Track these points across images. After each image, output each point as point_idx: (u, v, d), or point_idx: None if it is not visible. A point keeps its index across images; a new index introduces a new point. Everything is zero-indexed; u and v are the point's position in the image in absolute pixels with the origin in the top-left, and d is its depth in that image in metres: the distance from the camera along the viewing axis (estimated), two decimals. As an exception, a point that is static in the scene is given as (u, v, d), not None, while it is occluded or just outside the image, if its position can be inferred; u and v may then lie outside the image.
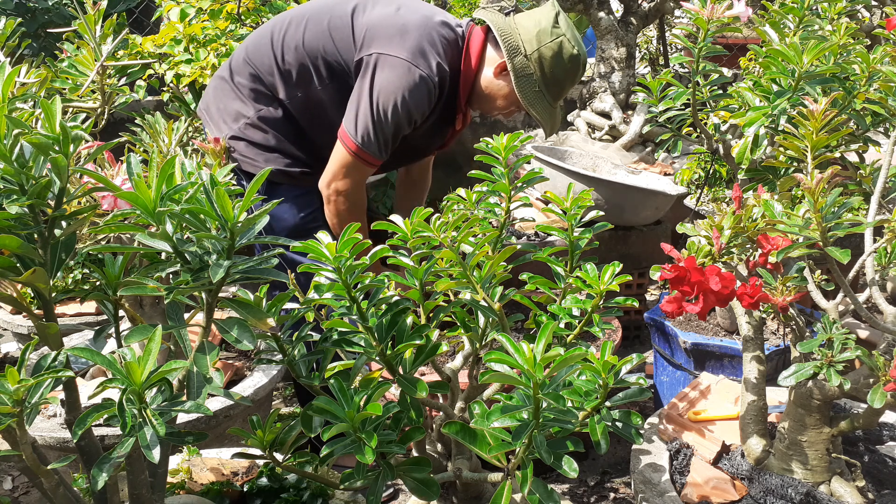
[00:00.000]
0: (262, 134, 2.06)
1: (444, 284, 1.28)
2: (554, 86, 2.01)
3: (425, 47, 1.94)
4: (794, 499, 1.47)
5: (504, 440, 1.15)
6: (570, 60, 1.99)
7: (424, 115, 1.99)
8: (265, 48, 2.05)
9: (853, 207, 1.22)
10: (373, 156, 1.96)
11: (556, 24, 1.98)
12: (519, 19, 2.02)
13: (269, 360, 1.25)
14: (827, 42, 1.48)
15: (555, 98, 2.04)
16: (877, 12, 3.87)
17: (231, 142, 2.07)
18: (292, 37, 2.02)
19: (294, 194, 2.07)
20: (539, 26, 1.97)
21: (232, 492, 1.52)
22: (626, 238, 3.02)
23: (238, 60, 2.10)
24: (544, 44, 1.96)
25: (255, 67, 2.05)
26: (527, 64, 1.98)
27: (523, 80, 1.98)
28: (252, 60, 2.06)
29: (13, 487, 2.31)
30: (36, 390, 0.99)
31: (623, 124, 4.05)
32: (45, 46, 4.14)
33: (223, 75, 2.13)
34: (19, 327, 2.65)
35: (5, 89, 1.03)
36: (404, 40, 1.93)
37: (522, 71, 1.98)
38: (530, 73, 1.98)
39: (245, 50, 2.10)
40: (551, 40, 1.96)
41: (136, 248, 1.02)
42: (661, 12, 4.32)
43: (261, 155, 2.06)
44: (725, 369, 2.24)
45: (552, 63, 1.98)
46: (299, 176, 2.09)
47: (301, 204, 2.09)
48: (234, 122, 2.07)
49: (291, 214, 2.08)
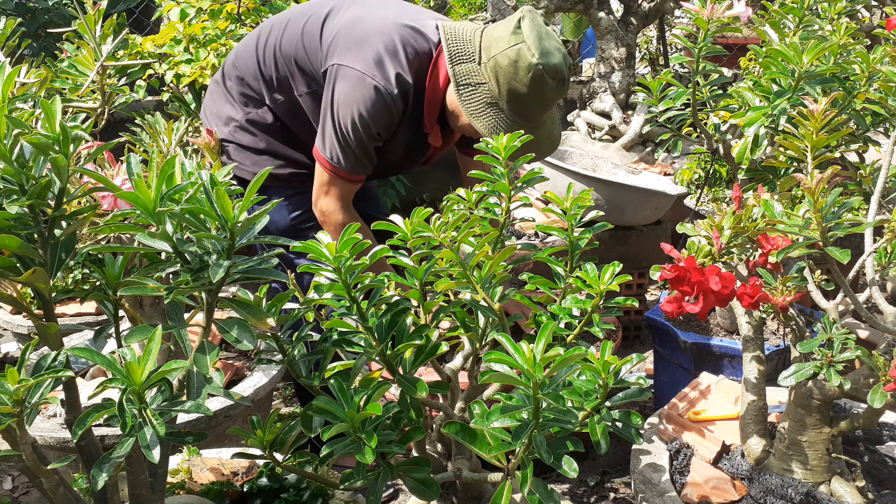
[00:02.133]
0: (251, 136, 2.05)
1: (444, 284, 1.28)
2: (514, 100, 1.76)
3: (383, 57, 1.80)
4: (794, 499, 1.47)
5: (504, 440, 1.15)
6: (529, 70, 1.71)
7: (389, 127, 1.86)
8: (250, 52, 2.04)
9: (853, 207, 1.22)
10: (348, 172, 1.88)
11: (518, 30, 1.73)
12: (489, 28, 1.82)
13: (269, 360, 1.25)
14: (827, 42, 1.48)
15: (521, 115, 1.78)
16: (877, 12, 3.87)
17: (223, 145, 2.07)
18: (273, 42, 2.00)
19: (285, 195, 2.01)
20: (496, 32, 1.77)
21: (232, 492, 1.52)
22: (626, 238, 3.02)
23: (228, 64, 2.10)
24: (501, 51, 1.73)
25: (242, 72, 2.05)
26: (477, 71, 1.77)
27: (468, 89, 1.77)
28: (238, 65, 2.06)
29: (13, 487, 2.31)
30: (36, 390, 0.99)
31: (623, 124, 4.05)
32: (45, 46, 4.14)
33: (217, 79, 2.14)
34: (19, 327, 2.65)
35: (5, 89, 1.03)
36: (362, 49, 1.81)
37: (467, 79, 1.77)
38: (481, 82, 1.77)
39: (234, 54, 2.10)
40: (508, 46, 1.72)
41: (136, 248, 1.02)
42: (661, 12, 4.32)
43: (248, 158, 2.06)
44: (725, 369, 2.24)
45: (507, 73, 1.73)
46: (289, 177, 2.08)
47: (293, 205, 2.07)
48: (224, 126, 2.07)
49: (282, 216, 2.07)
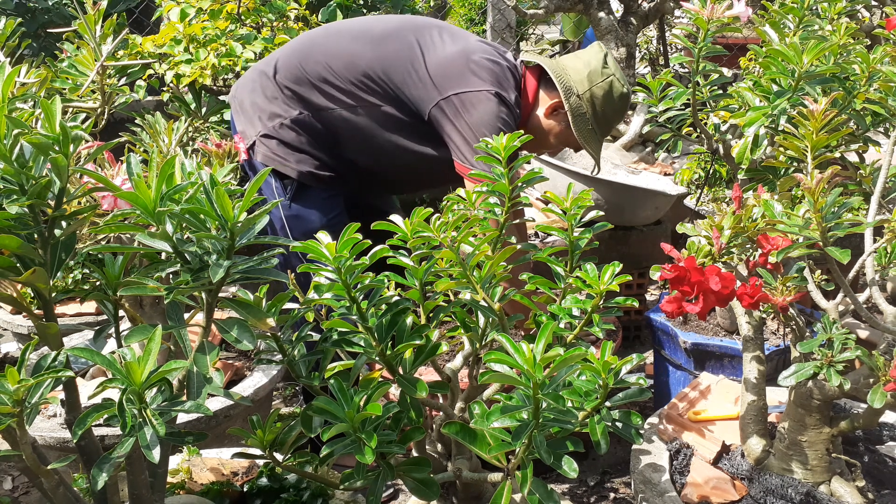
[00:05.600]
0: (296, 136, 2.04)
1: (444, 284, 1.28)
2: (604, 123, 2.09)
3: (501, 82, 2.01)
4: (794, 499, 1.47)
5: (504, 440, 1.15)
6: (620, 98, 2.08)
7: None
8: (320, 55, 2.03)
9: (853, 207, 1.22)
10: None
11: (606, 65, 2.07)
12: (566, 61, 2.10)
13: (269, 360, 1.25)
14: (827, 42, 1.48)
15: (604, 134, 2.12)
16: (877, 12, 3.87)
17: (262, 139, 2.05)
18: (350, 51, 2.02)
19: (322, 196, 2.09)
20: (589, 67, 2.06)
21: (232, 492, 1.52)
22: (626, 238, 3.01)
23: (288, 60, 2.07)
24: (596, 83, 2.05)
25: (305, 71, 2.03)
26: (580, 104, 2.05)
27: (579, 120, 2.05)
28: (303, 64, 2.04)
29: (13, 487, 2.31)
30: (36, 390, 0.99)
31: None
32: (45, 46, 4.14)
33: (265, 70, 2.09)
34: (19, 327, 2.64)
35: (5, 89, 1.03)
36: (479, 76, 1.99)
37: (577, 110, 2.05)
38: (583, 112, 2.06)
39: (297, 52, 2.08)
40: (602, 80, 2.05)
41: (136, 248, 1.02)
42: (661, 12, 4.32)
43: (292, 155, 2.05)
44: (725, 369, 2.24)
45: (604, 102, 2.06)
46: (328, 180, 2.08)
47: (328, 207, 2.09)
48: (268, 121, 2.05)
49: (318, 216, 2.08)
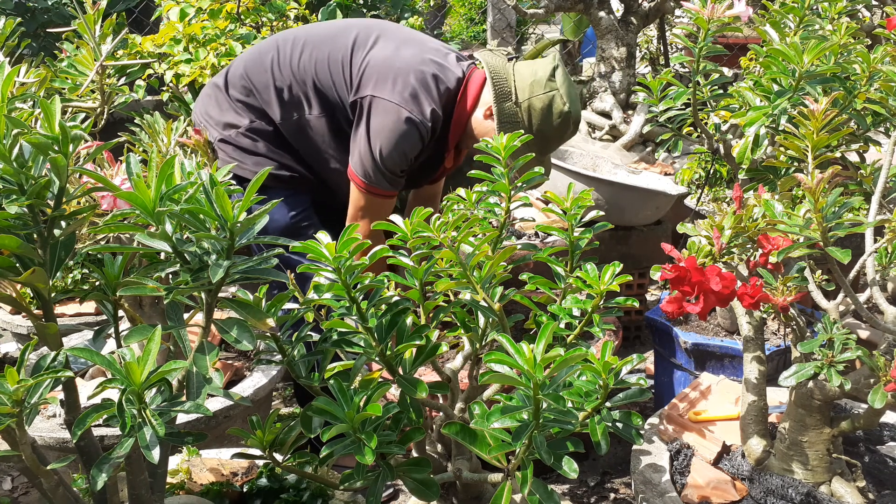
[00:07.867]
0: (251, 142, 2.06)
1: (444, 284, 1.28)
2: (539, 139, 1.95)
3: (418, 92, 1.93)
4: (794, 499, 1.47)
5: (504, 441, 1.15)
6: (560, 116, 1.96)
7: (419, 152, 2.01)
8: (264, 65, 2.05)
9: (854, 207, 1.22)
10: (384, 189, 1.99)
11: (552, 78, 1.96)
12: (518, 67, 2.00)
13: (268, 360, 1.25)
14: (827, 42, 1.48)
15: (538, 151, 1.93)
16: (877, 12, 3.86)
17: (219, 144, 2.07)
18: (291, 59, 2.03)
19: (283, 195, 2.03)
20: (535, 76, 1.96)
21: (231, 492, 1.51)
22: (626, 238, 3.01)
23: (236, 72, 2.09)
24: (535, 95, 1.94)
25: (251, 82, 2.05)
26: (515, 111, 1.95)
27: (507, 127, 1.94)
28: (249, 75, 2.06)
29: (13, 487, 2.31)
30: (35, 390, 0.99)
31: (623, 124, 4.05)
32: (45, 46, 4.14)
33: (218, 83, 2.12)
34: (19, 327, 2.64)
35: (5, 89, 1.03)
36: (397, 84, 1.93)
37: (508, 117, 1.95)
38: (517, 120, 1.95)
39: (244, 63, 2.10)
40: (543, 92, 1.94)
41: (135, 248, 1.02)
42: (662, 12, 4.31)
43: (249, 158, 2.06)
44: (726, 369, 2.24)
45: (540, 116, 1.95)
46: (289, 180, 2.09)
47: (291, 204, 2.08)
48: (223, 130, 2.07)
49: (282, 214, 2.07)
